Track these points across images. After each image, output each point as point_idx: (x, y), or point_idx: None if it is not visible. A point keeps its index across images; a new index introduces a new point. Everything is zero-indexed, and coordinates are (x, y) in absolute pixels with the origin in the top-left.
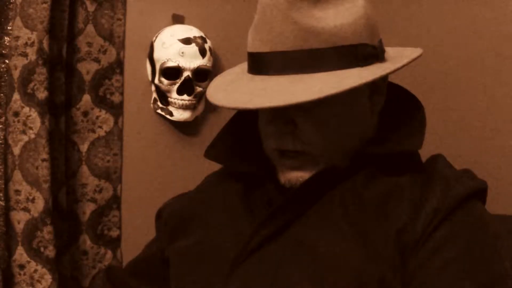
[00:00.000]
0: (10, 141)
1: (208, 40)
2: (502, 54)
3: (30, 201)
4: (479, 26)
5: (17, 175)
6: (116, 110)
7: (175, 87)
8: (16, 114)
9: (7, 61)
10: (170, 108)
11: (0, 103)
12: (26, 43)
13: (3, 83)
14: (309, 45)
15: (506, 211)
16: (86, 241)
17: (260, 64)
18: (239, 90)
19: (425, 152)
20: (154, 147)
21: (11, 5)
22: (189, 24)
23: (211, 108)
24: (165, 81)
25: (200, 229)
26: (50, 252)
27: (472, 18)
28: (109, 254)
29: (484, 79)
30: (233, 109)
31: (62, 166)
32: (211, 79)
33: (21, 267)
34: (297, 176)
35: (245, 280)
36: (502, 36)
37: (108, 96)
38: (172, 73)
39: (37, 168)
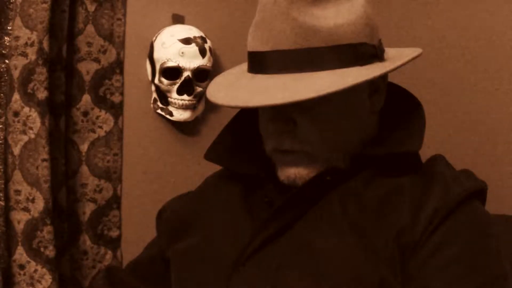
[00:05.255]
0: (10, 141)
1: (208, 40)
2: (503, 54)
3: (30, 201)
4: (479, 26)
5: (17, 175)
6: (116, 110)
7: (175, 87)
8: (16, 114)
9: (7, 61)
10: (170, 108)
11: (0, 103)
12: (26, 43)
13: (3, 83)
14: (309, 44)
15: (506, 211)
16: (86, 241)
17: (260, 63)
18: (239, 89)
19: (425, 153)
20: (154, 147)
21: (11, 5)
22: (189, 24)
23: (211, 108)
24: (165, 81)
25: (201, 230)
26: (50, 252)
27: (472, 18)
28: (109, 254)
29: (484, 79)
30: (234, 107)
31: (62, 166)
32: (211, 79)
33: (21, 267)
34: (295, 172)
35: (246, 281)
36: (502, 36)
37: (108, 96)
38: (172, 73)
39: (37, 168)
